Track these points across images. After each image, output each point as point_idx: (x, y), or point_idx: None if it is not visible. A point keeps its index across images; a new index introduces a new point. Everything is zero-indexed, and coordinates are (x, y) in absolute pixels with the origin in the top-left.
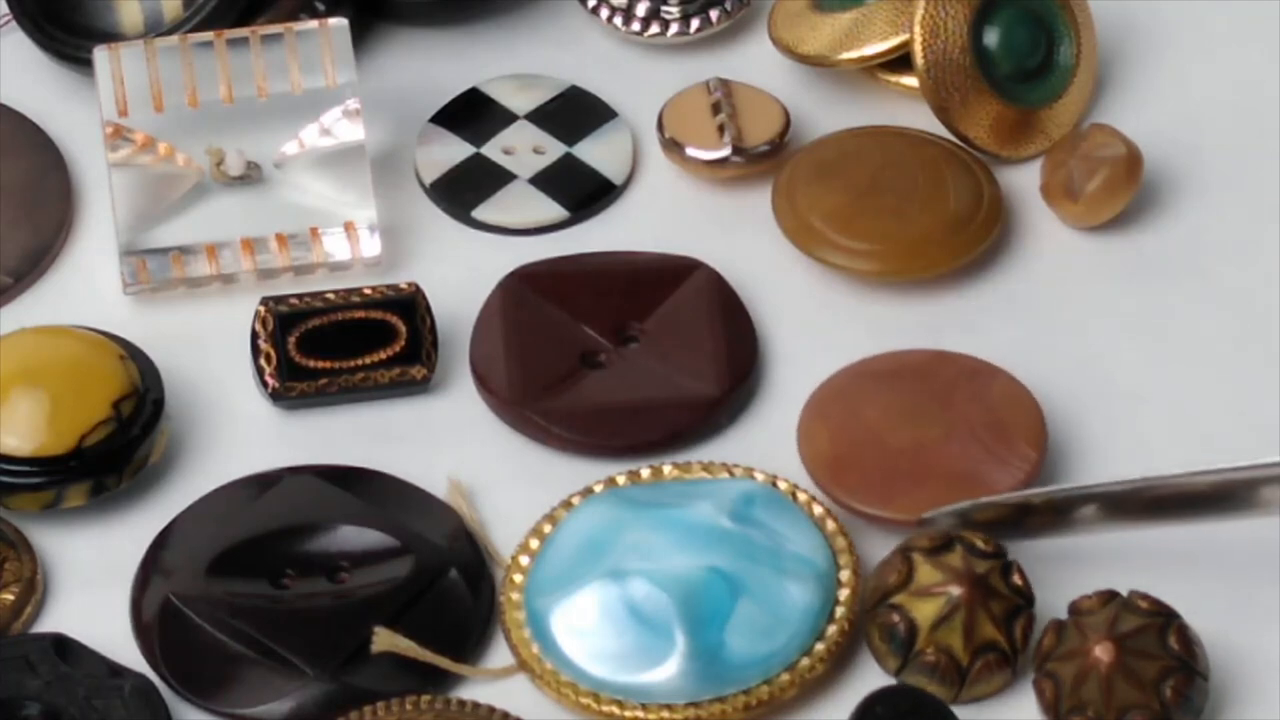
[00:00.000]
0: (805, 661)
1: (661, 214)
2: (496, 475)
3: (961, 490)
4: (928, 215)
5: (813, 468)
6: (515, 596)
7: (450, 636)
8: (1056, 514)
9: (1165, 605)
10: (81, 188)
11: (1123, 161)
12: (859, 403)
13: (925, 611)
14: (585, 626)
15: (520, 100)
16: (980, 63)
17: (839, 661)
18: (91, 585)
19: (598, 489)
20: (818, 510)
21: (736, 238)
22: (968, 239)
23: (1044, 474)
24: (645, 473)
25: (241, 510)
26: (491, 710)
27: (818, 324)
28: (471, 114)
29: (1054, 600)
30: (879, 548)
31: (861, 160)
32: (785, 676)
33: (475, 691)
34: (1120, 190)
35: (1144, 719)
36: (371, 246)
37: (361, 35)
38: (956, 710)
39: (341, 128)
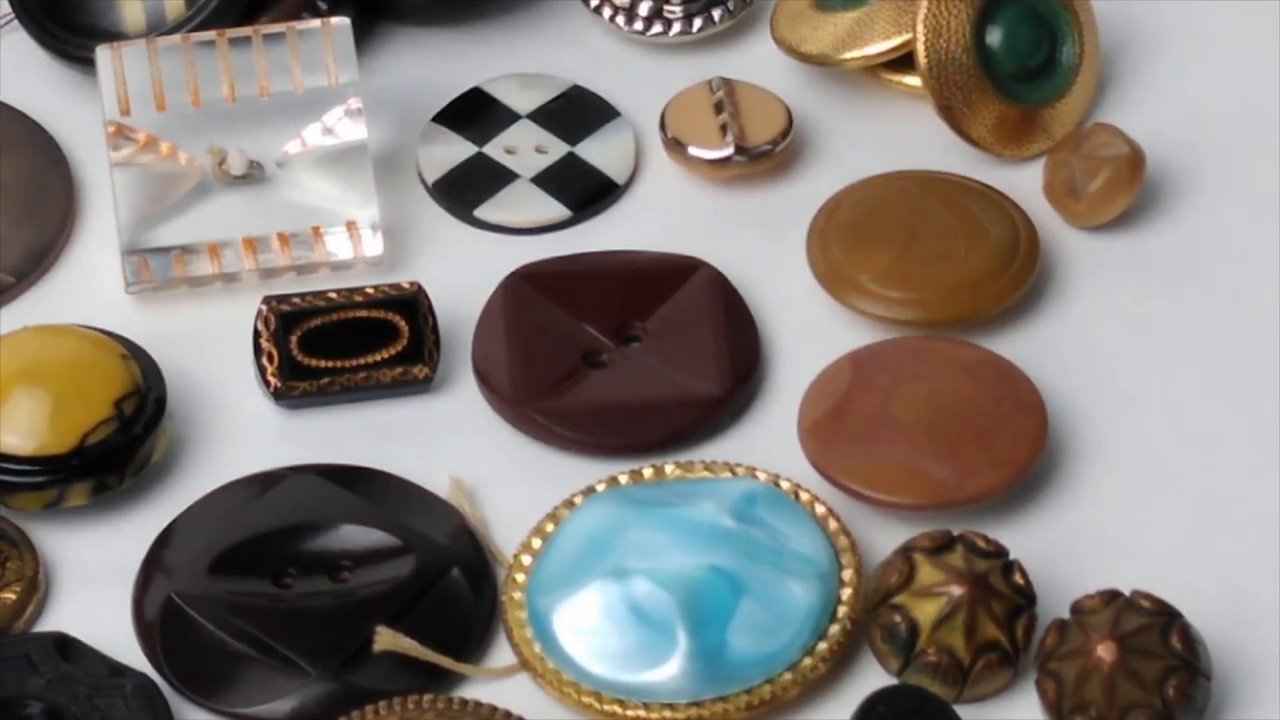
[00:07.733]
0: (807, 661)
1: (664, 213)
2: (498, 474)
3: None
4: (976, 254)
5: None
6: (517, 596)
7: (452, 636)
8: None
9: (1167, 604)
10: (83, 187)
11: (1125, 161)
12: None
13: (927, 611)
14: (587, 626)
15: (522, 100)
16: (983, 62)
17: (841, 661)
18: (93, 584)
19: (600, 488)
20: (820, 510)
21: (739, 237)
22: (1020, 270)
23: (1042, 473)
24: (647, 472)
25: (243, 509)
26: (493, 709)
27: (820, 323)
28: (474, 113)
29: (1056, 599)
30: (881, 547)
31: (890, 213)
32: (787, 676)
33: (477, 691)
34: (1123, 190)
35: (1146, 718)
36: (374, 246)
37: (364, 34)
38: (959, 710)
39: (344, 127)
